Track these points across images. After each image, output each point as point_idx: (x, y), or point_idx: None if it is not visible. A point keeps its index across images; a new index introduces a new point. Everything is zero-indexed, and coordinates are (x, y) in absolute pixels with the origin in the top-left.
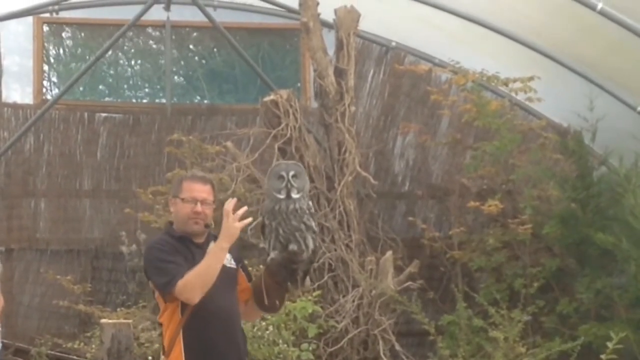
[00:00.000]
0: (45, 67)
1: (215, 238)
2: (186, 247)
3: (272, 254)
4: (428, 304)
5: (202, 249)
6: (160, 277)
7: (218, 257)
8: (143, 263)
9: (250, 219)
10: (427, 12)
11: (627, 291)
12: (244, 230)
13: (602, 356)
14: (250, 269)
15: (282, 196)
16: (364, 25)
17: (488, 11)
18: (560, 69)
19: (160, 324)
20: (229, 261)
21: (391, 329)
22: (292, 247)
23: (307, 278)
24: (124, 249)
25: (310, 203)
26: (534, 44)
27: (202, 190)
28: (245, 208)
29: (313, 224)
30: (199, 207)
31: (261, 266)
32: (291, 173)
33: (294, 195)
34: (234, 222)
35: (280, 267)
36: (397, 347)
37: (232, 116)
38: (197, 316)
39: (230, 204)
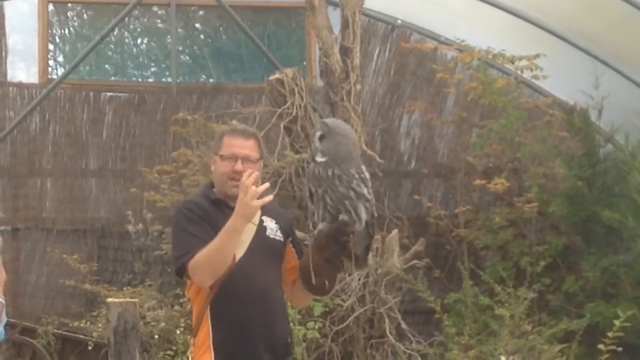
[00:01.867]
0: (51, 47)
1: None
2: (222, 212)
3: (320, 226)
4: (434, 282)
5: None
6: (175, 249)
7: (232, 239)
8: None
9: (270, 197)
10: None
11: (633, 269)
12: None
13: (609, 334)
14: None
15: (317, 159)
16: (370, 3)
17: None
18: (566, 46)
19: (189, 299)
20: (273, 232)
21: (397, 307)
22: (342, 217)
23: (370, 254)
24: (130, 228)
25: (363, 167)
26: (539, 20)
27: (243, 146)
28: (267, 185)
29: (365, 191)
30: (239, 166)
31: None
32: (318, 133)
33: (318, 159)
34: (252, 199)
35: (329, 241)
36: (403, 325)
37: (237, 95)
38: (227, 293)
39: (250, 177)
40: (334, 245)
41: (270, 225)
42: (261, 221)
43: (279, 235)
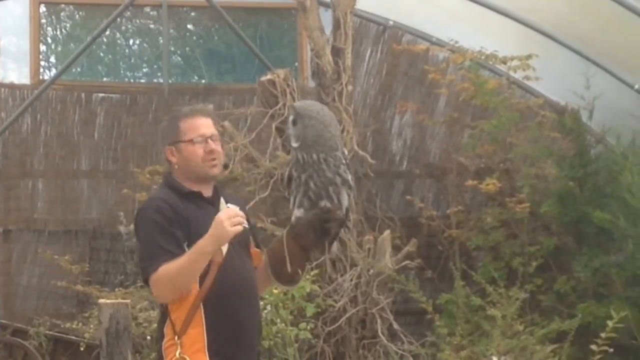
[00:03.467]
0: (43, 48)
1: (221, 192)
2: (196, 205)
3: (298, 212)
4: (426, 283)
5: (213, 205)
6: (141, 259)
7: (201, 260)
8: (135, 224)
9: (244, 226)
10: None
11: (625, 269)
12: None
13: (602, 334)
14: None
15: (292, 144)
16: (361, 4)
17: None
18: (557, 47)
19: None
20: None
21: (389, 307)
22: (325, 203)
23: (336, 243)
24: (122, 229)
25: (346, 152)
26: (531, 21)
27: (208, 125)
28: (242, 216)
29: (349, 177)
30: (212, 145)
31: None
32: (290, 118)
33: (293, 144)
34: (230, 226)
35: (309, 228)
36: (395, 325)
37: (229, 96)
38: (221, 289)
39: (231, 210)
40: (313, 233)
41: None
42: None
43: (245, 224)
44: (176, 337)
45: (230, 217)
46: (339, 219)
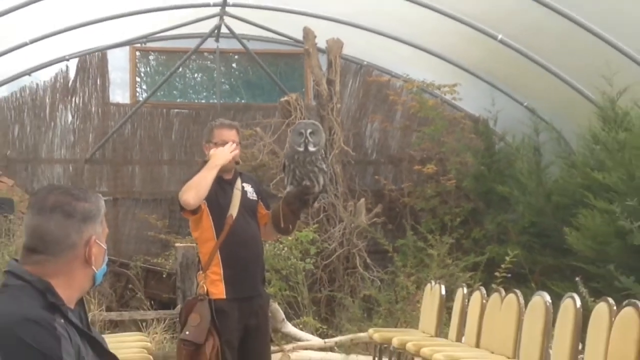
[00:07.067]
0: (137, 79)
1: (240, 175)
2: (217, 183)
3: (289, 188)
4: (388, 233)
5: (231, 184)
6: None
7: (210, 172)
8: None
9: (238, 151)
10: (388, 42)
11: (517, 223)
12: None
13: (502, 265)
14: None
15: (301, 149)
16: (346, 50)
17: (428, 41)
18: (473, 78)
19: (196, 241)
20: (251, 194)
21: (364, 249)
22: (306, 182)
23: (316, 202)
24: None
25: (324, 151)
26: (457, 61)
27: (230, 135)
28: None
29: (324, 166)
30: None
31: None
32: (309, 130)
33: (311, 149)
34: (227, 152)
35: (295, 198)
36: (368, 260)
37: (260, 111)
38: (231, 240)
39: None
40: (298, 202)
41: (249, 189)
42: (243, 187)
43: (254, 196)
44: (201, 271)
45: (225, 149)
46: (316, 192)
